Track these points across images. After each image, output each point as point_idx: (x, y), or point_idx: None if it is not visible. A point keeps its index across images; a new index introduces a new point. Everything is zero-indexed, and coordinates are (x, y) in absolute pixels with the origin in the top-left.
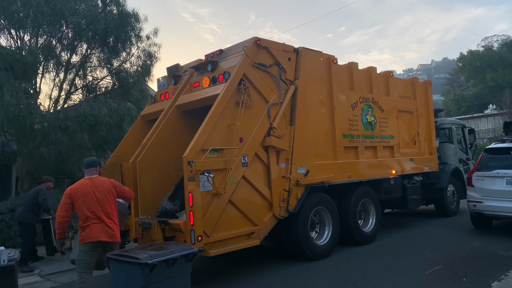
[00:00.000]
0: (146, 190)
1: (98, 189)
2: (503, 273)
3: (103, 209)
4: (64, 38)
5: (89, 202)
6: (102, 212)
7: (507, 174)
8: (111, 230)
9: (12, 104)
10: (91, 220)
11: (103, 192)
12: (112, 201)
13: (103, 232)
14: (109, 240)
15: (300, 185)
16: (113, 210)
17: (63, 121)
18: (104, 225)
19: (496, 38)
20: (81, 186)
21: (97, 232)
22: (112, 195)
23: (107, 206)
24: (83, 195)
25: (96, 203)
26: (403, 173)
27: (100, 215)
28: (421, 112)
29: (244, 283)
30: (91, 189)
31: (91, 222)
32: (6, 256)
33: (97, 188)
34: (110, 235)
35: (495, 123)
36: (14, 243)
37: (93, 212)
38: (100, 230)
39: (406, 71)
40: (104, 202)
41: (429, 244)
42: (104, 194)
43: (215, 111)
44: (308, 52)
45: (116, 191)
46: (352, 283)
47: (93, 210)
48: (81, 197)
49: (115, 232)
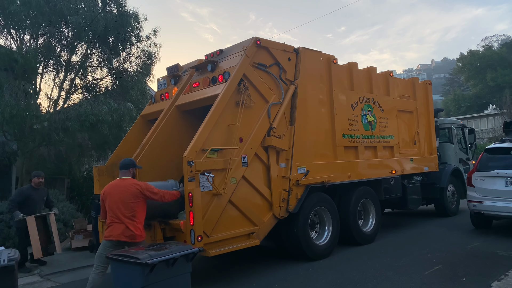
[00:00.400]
0: None
1: (123, 191)
2: (503, 273)
3: (125, 211)
4: (64, 38)
5: (113, 203)
6: (123, 214)
7: (507, 174)
8: (130, 231)
9: (10, 104)
10: (113, 219)
11: (127, 195)
12: (136, 204)
13: (122, 233)
14: (128, 240)
15: (300, 185)
16: (136, 212)
17: (64, 121)
18: (124, 226)
19: (496, 38)
20: (110, 188)
21: (117, 233)
22: (137, 198)
23: (130, 209)
24: (109, 195)
25: (119, 205)
26: (403, 173)
27: (121, 216)
28: (421, 112)
29: (244, 283)
30: (117, 190)
31: (113, 221)
32: (6, 256)
33: (123, 190)
34: (129, 236)
35: (495, 123)
36: (14, 243)
37: (115, 213)
38: (120, 231)
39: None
40: (127, 205)
41: (429, 244)
42: (128, 196)
43: (215, 111)
44: (308, 52)
45: (144, 195)
46: (352, 283)
47: (115, 211)
48: (107, 198)
49: (135, 232)
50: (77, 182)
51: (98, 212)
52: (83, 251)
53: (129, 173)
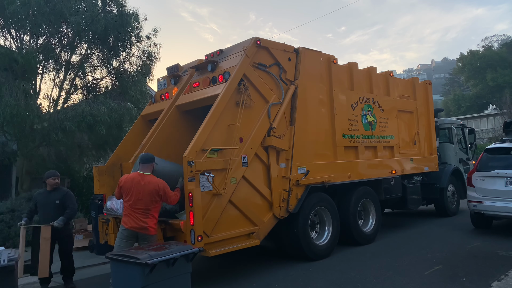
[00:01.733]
0: None
1: (143, 188)
2: (503, 273)
3: (142, 206)
4: (64, 38)
5: (131, 196)
6: (140, 208)
7: (507, 174)
8: (143, 222)
9: (10, 104)
10: (129, 210)
11: (146, 193)
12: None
13: (135, 222)
14: (139, 231)
15: (300, 185)
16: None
17: (63, 122)
18: (138, 218)
19: (496, 38)
20: (130, 181)
21: (130, 221)
22: (155, 198)
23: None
24: (128, 189)
25: (137, 200)
26: (403, 173)
27: (137, 209)
28: (421, 112)
29: (244, 283)
30: (137, 186)
31: (128, 212)
32: (6, 256)
33: (143, 188)
34: (141, 226)
35: (495, 123)
36: (14, 243)
37: (132, 206)
38: (134, 220)
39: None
40: (144, 202)
41: (429, 244)
42: (146, 193)
43: (215, 111)
44: (308, 52)
45: (159, 195)
46: (352, 283)
47: (132, 204)
48: (126, 190)
49: (147, 225)
50: (77, 182)
51: (98, 212)
52: (83, 251)
53: (151, 168)
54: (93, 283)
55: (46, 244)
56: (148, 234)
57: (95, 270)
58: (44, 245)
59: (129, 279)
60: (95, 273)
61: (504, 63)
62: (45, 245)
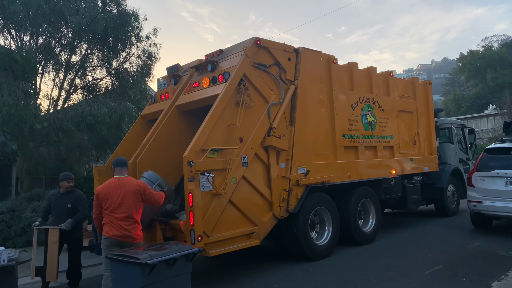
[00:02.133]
0: None
1: (123, 189)
2: (503, 273)
3: (124, 211)
4: (63, 38)
5: (110, 202)
6: (122, 214)
7: (507, 174)
8: (127, 231)
9: (8, 104)
10: (109, 218)
11: (127, 193)
12: (134, 203)
13: (118, 230)
14: (123, 239)
15: (300, 185)
16: (132, 211)
17: (62, 122)
18: (120, 226)
19: (496, 38)
20: (107, 187)
21: (111, 229)
22: (137, 197)
23: (129, 209)
24: (106, 194)
25: (118, 205)
26: (403, 173)
27: (119, 216)
28: (421, 112)
29: (244, 283)
30: (116, 189)
31: (109, 220)
32: (6, 256)
33: (123, 189)
34: (124, 235)
35: (495, 123)
36: (14, 243)
37: (112, 212)
38: (116, 228)
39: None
40: (127, 205)
41: (429, 244)
42: (128, 195)
43: (215, 111)
44: (308, 52)
45: (141, 194)
46: (352, 283)
47: (112, 210)
48: (103, 197)
49: (131, 233)
50: (77, 182)
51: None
52: (83, 251)
53: (126, 171)
54: (93, 283)
55: (53, 247)
56: (133, 243)
57: (95, 270)
58: (52, 248)
59: (129, 279)
60: (95, 273)
61: (504, 63)
62: (52, 248)
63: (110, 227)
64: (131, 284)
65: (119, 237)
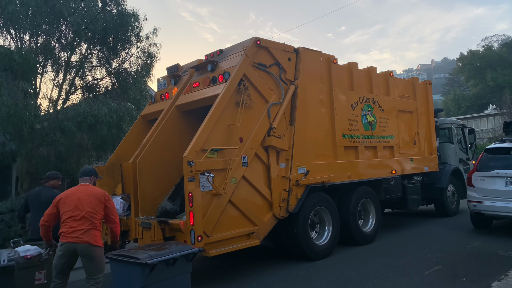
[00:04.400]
0: (146, 190)
1: (86, 192)
2: (503, 273)
3: (84, 212)
4: (63, 38)
5: (70, 204)
6: (81, 215)
7: (507, 174)
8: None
9: (7, 104)
10: (67, 221)
11: (88, 196)
12: (96, 207)
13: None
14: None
15: (300, 185)
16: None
17: (62, 122)
18: (78, 229)
19: (496, 38)
20: (69, 192)
21: (69, 234)
22: (100, 202)
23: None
24: (66, 198)
25: (76, 206)
26: (403, 173)
27: (79, 218)
28: (421, 112)
29: (244, 283)
30: (77, 193)
31: (67, 223)
32: (6, 256)
33: (85, 192)
34: (80, 239)
35: (495, 123)
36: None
37: (71, 213)
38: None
39: (406, 71)
40: (88, 204)
41: (429, 244)
42: (89, 198)
43: (215, 111)
44: (308, 52)
45: (104, 202)
46: (352, 283)
47: (71, 211)
48: (62, 202)
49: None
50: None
51: None
52: None
53: (90, 181)
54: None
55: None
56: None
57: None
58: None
59: (129, 279)
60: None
61: (504, 63)
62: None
63: (67, 229)
64: (131, 284)
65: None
